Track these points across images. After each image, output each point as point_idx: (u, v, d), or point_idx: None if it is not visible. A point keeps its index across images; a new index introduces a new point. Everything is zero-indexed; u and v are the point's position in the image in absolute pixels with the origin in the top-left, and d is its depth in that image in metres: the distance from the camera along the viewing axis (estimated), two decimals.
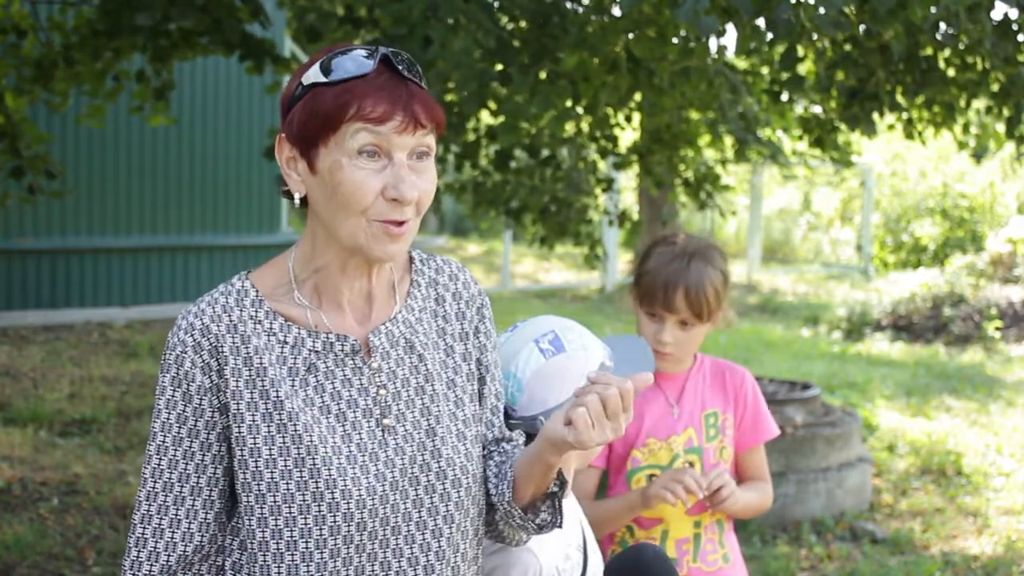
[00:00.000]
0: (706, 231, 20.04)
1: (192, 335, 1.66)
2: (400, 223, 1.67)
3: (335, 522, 1.64)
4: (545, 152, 6.69)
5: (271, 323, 1.69)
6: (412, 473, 1.70)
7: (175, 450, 1.66)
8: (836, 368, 9.83)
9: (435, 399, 1.75)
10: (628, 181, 16.47)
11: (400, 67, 1.66)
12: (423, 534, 1.71)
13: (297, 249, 1.74)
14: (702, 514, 2.53)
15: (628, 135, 8.04)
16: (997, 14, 5.08)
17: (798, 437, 5.98)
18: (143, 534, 1.68)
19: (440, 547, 1.72)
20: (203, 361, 1.65)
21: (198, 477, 1.67)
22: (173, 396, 1.66)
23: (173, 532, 1.67)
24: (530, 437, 1.95)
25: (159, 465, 1.67)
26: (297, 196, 1.69)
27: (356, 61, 1.64)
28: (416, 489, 1.70)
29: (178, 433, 1.66)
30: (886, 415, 8.16)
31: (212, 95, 11.06)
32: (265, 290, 1.71)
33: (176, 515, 1.67)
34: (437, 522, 1.72)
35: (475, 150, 5.97)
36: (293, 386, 1.67)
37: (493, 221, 9.05)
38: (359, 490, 1.65)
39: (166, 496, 1.67)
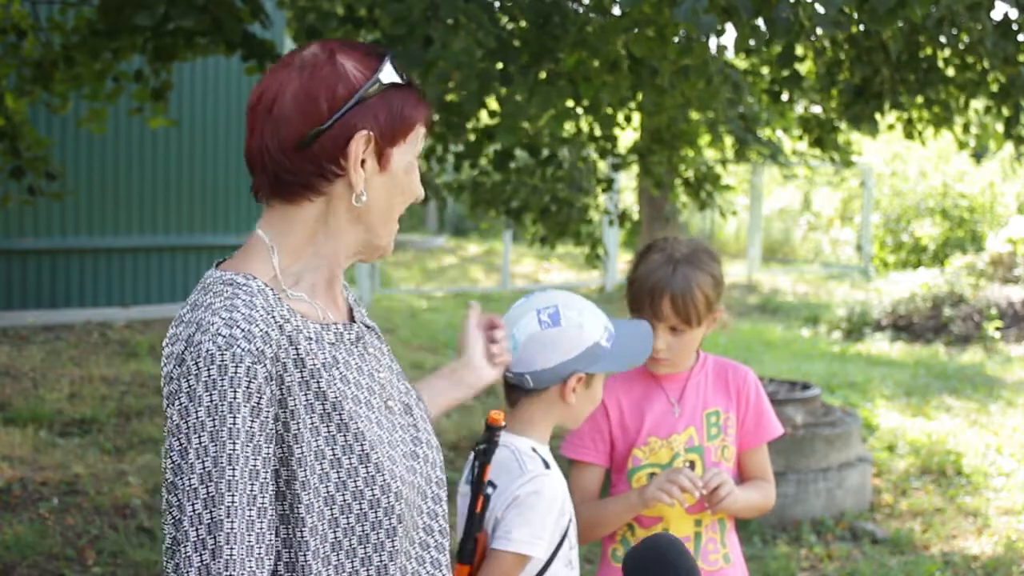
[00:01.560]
0: (706, 231, 20.05)
1: (254, 343, 1.54)
2: None
3: (400, 509, 1.66)
4: (545, 152, 6.69)
5: (295, 321, 1.62)
6: (411, 448, 1.74)
7: (244, 471, 1.52)
8: (836, 368, 9.83)
9: (400, 376, 1.83)
10: (628, 181, 16.46)
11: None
12: (426, 501, 1.75)
13: (280, 245, 1.66)
14: (703, 513, 2.52)
15: (628, 135, 8.04)
16: (997, 14, 5.07)
17: (798, 437, 5.98)
18: (230, 558, 1.50)
19: (443, 510, 1.79)
20: (267, 371, 1.54)
21: (263, 497, 1.54)
22: (244, 413, 1.52)
23: (261, 559, 1.53)
24: (513, 388, 2.27)
25: (233, 492, 1.51)
26: (364, 197, 1.65)
27: (391, 67, 1.70)
28: (417, 462, 1.74)
29: (243, 452, 1.52)
30: (886, 415, 8.16)
31: (212, 95, 11.07)
32: (273, 288, 1.65)
33: (249, 541, 1.52)
34: (435, 489, 1.77)
35: (475, 150, 5.97)
36: (334, 383, 1.63)
37: (493, 221, 9.05)
38: (403, 473, 1.67)
39: (250, 524, 1.52)
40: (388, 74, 1.66)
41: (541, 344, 2.20)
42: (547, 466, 2.20)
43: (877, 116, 5.75)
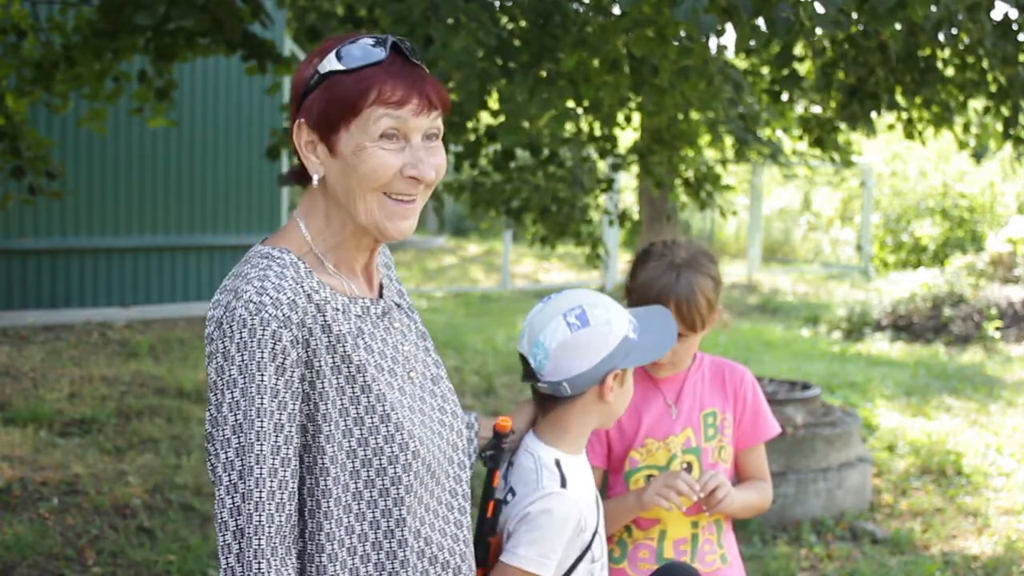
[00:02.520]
0: (706, 231, 20.05)
1: (281, 309, 1.70)
2: (412, 200, 1.80)
3: (417, 467, 1.79)
4: (546, 152, 6.69)
5: (324, 292, 1.78)
6: (438, 416, 1.88)
7: (269, 423, 1.69)
8: (836, 368, 9.83)
9: (428, 352, 1.96)
10: (628, 181, 16.47)
11: (410, 55, 1.80)
12: (453, 467, 1.91)
13: (307, 224, 1.83)
14: (700, 514, 2.53)
15: (628, 135, 8.04)
16: (997, 14, 5.07)
17: (798, 437, 5.98)
18: (259, 500, 1.67)
19: (467, 476, 1.95)
20: (292, 335, 1.70)
21: (287, 449, 1.71)
22: (270, 372, 1.68)
23: (283, 503, 1.70)
24: (546, 398, 2.23)
25: (262, 442, 1.68)
26: (316, 177, 1.79)
27: (367, 50, 1.77)
28: (445, 429, 1.89)
29: (270, 407, 1.69)
30: (886, 415, 8.16)
31: (212, 95, 11.06)
32: (303, 261, 1.80)
33: (274, 487, 1.69)
34: (460, 456, 1.93)
35: (476, 150, 5.97)
36: (359, 350, 1.78)
37: (493, 221, 9.05)
38: (422, 436, 1.82)
39: (273, 470, 1.69)
40: (327, 63, 1.78)
41: (575, 347, 2.17)
42: (564, 484, 2.17)
43: (873, 116, 5.75)
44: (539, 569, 2.12)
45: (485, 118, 6.21)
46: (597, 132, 6.68)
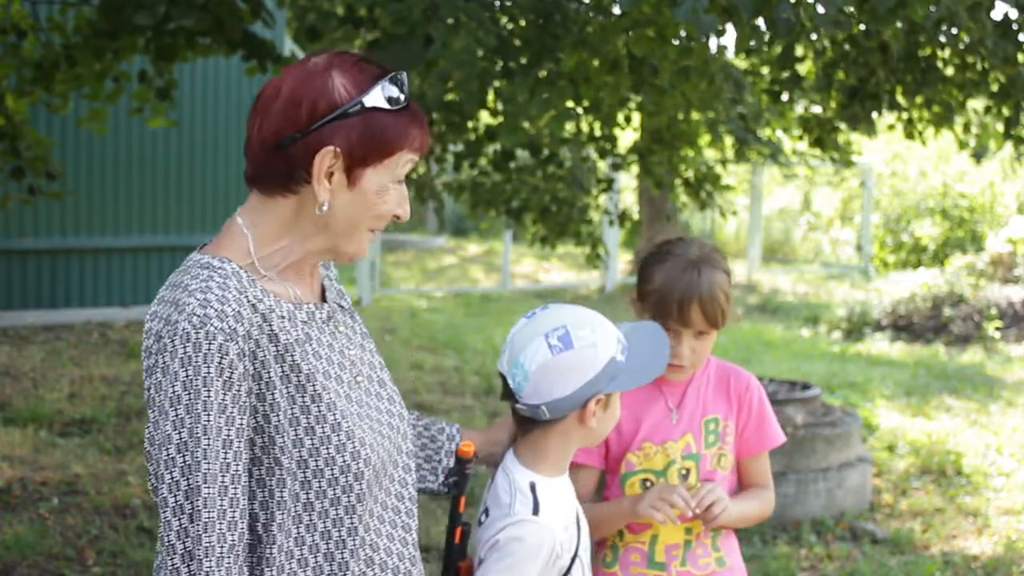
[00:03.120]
0: (706, 231, 20.04)
1: (226, 321, 1.65)
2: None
3: (370, 475, 1.78)
4: (546, 152, 6.69)
5: (268, 300, 1.74)
6: (386, 419, 1.86)
7: (217, 441, 1.64)
8: (836, 368, 9.83)
9: (372, 353, 1.94)
10: (628, 181, 16.47)
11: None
12: (398, 470, 1.88)
13: (255, 232, 1.77)
14: (695, 521, 2.45)
15: (628, 135, 8.04)
16: (997, 14, 5.07)
17: (798, 437, 5.98)
18: (208, 520, 1.62)
19: (413, 479, 1.92)
20: (239, 348, 1.66)
21: (237, 465, 1.67)
22: (216, 387, 1.63)
23: (235, 522, 1.66)
24: (525, 419, 2.11)
25: (209, 461, 1.63)
26: (325, 206, 1.75)
27: (397, 89, 1.78)
28: (391, 432, 1.87)
29: (216, 423, 1.64)
30: (886, 415, 8.16)
31: (212, 95, 11.06)
32: (246, 270, 1.76)
33: (221, 507, 1.64)
34: (404, 459, 1.91)
35: (476, 150, 5.97)
36: (307, 358, 1.76)
37: (493, 221, 9.05)
38: (372, 442, 1.79)
39: (223, 489, 1.64)
40: (373, 98, 1.75)
41: (556, 371, 2.04)
42: (536, 510, 2.06)
43: (874, 116, 5.75)
44: None
45: (485, 118, 6.21)
46: (597, 132, 6.68)
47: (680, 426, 2.49)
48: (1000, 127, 6.13)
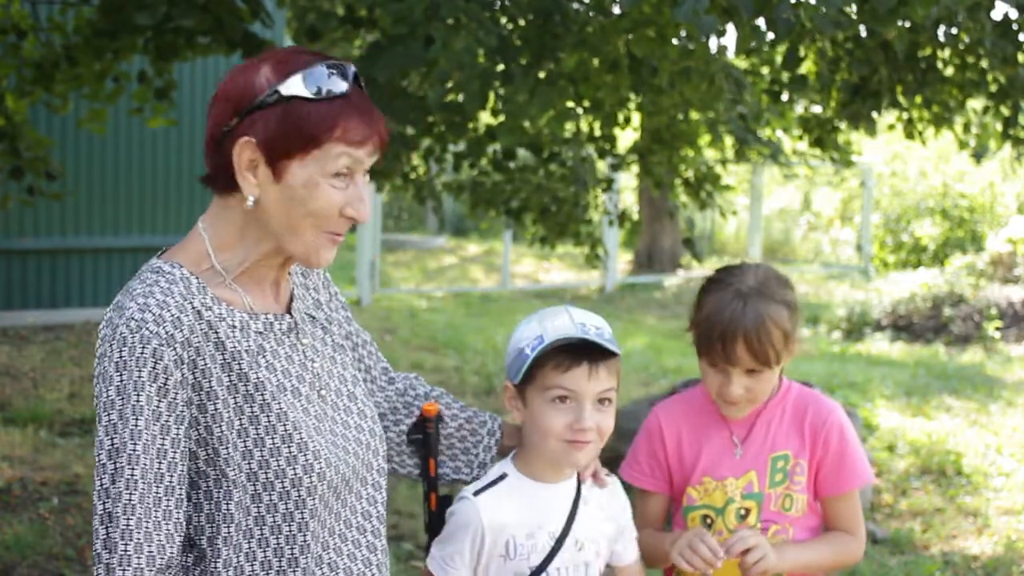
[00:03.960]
0: (706, 231, 20.04)
1: (163, 327, 1.61)
2: (341, 236, 1.74)
3: (322, 490, 1.71)
4: (547, 152, 6.69)
5: (219, 308, 1.70)
6: (353, 435, 1.81)
7: (151, 448, 1.60)
8: (836, 368, 9.83)
9: (344, 366, 1.88)
10: (628, 181, 16.47)
11: (363, 86, 1.73)
12: (366, 488, 1.83)
13: (212, 237, 1.75)
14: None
15: (628, 135, 8.04)
16: (997, 14, 5.07)
17: None
18: (127, 528, 1.58)
19: (381, 497, 1.86)
20: (176, 354, 1.62)
21: (171, 476, 1.62)
22: (149, 392, 1.59)
23: (153, 533, 1.60)
24: None
25: (133, 466, 1.59)
26: (251, 199, 1.69)
27: (332, 79, 1.68)
28: (360, 448, 1.81)
29: (152, 431, 1.60)
30: (886, 415, 8.16)
31: (212, 95, 11.06)
32: (197, 274, 1.72)
33: (156, 516, 1.60)
34: (374, 476, 1.85)
35: (477, 149, 5.97)
36: (256, 368, 1.70)
37: (493, 221, 9.05)
38: (332, 457, 1.73)
39: (143, 496, 1.60)
40: (291, 86, 1.67)
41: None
42: (478, 491, 2.07)
43: (875, 115, 5.75)
44: (438, 571, 2.06)
45: (485, 118, 6.21)
46: (597, 132, 6.68)
47: (743, 462, 2.29)
48: (999, 127, 6.13)
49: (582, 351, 2.05)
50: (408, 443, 2.12)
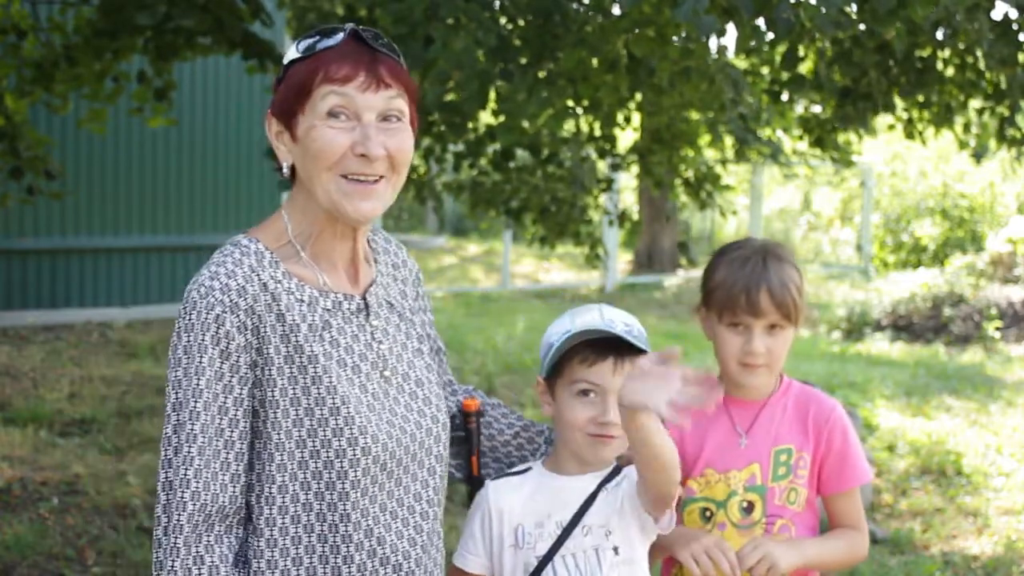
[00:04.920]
0: (706, 231, 20.04)
1: (229, 295, 1.73)
2: (375, 180, 1.78)
3: (366, 464, 1.78)
4: (546, 152, 6.69)
5: (288, 283, 1.79)
6: (414, 418, 1.87)
7: (212, 406, 1.71)
8: (836, 368, 9.83)
9: (417, 354, 1.95)
10: (628, 181, 16.47)
11: (368, 39, 1.80)
12: (422, 471, 1.88)
13: (289, 215, 1.86)
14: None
15: (628, 135, 8.04)
16: (997, 14, 5.07)
17: None
18: (184, 477, 1.69)
19: (436, 482, 1.92)
20: (239, 321, 1.73)
21: (231, 431, 1.73)
22: (212, 354, 1.71)
23: (210, 481, 1.71)
24: None
25: (193, 421, 1.70)
26: (285, 165, 1.82)
27: (328, 36, 1.80)
28: (419, 431, 1.87)
29: (214, 389, 1.71)
30: (886, 415, 8.16)
31: (212, 95, 11.06)
32: (274, 250, 1.82)
33: (213, 467, 1.71)
34: (431, 461, 1.91)
35: (477, 149, 5.97)
36: (317, 341, 1.78)
37: (493, 221, 9.05)
38: (381, 434, 1.80)
39: (202, 448, 1.70)
40: (289, 54, 1.82)
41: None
42: (496, 477, 2.15)
43: (871, 117, 5.76)
44: (462, 563, 2.14)
45: (485, 118, 6.21)
46: (596, 132, 6.68)
47: (747, 453, 2.29)
48: (997, 127, 6.14)
49: (608, 346, 2.09)
50: (451, 443, 2.15)
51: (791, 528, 2.30)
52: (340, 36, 1.78)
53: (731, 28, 4.00)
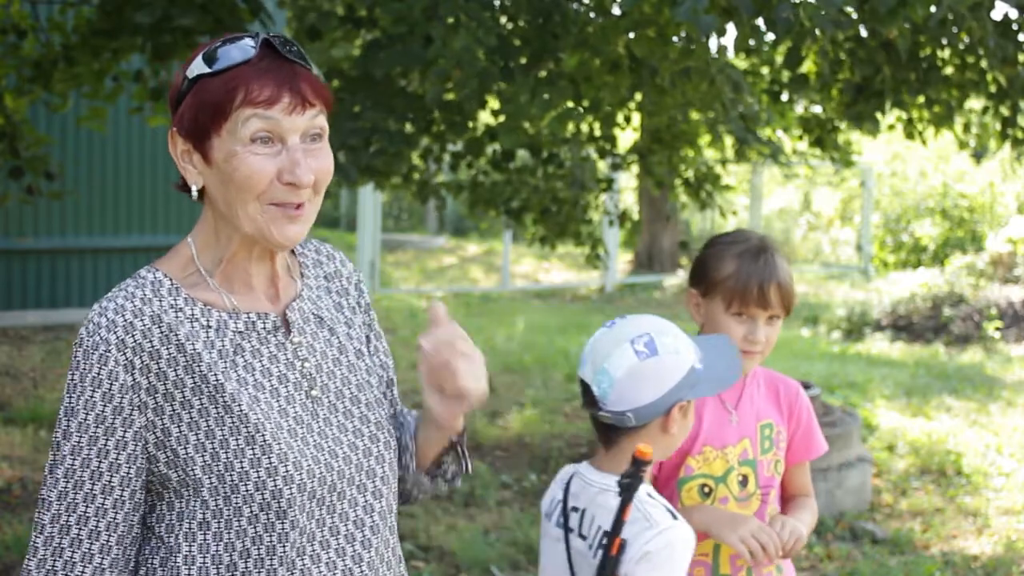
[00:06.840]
0: (706, 231, 20.04)
1: (115, 332, 1.64)
2: (297, 206, 1.69)
3: (290, 494, 1.67)
4: (546, 152, 6.69)
5: (192, 309, 1.69)
6: (349, 439, 1.76)
7: (89, 449, 1.64)
8: (836, 368, 9.83)
9: (352, 369, 1.83)
10: (628, 181, 16.47)
11: (283, 50, 1.68)
12: (363, 495, 1.76)
13: (195, 239, 1.77)
14: None
15: (628, 135, 8.04)
16: (997, 14, 5.07)
17: None
18: (58, 540, 1.64)
19: (381, 507, 1.79)
20: (126, 359, 1.64)
21: (110, 475, 1.64)
22: (92, 397, 1.63)
23: (81, 531, 1.64)
24: (608, 428, 2.16)
25: (73, 455, 1.64)
26: (195, 188, 1.72)
27: (239, 48, 1.66)
28: (356, 454, 1.76)
29: (94, 432, 1.64)
30: (886, 415, 8.16)
31: None
32: (178, 279, 1.72)
33: (85, 511, 1.65)
34: (376, 484, 1.78)
35: (477, 149, 5.97)
36: (226, 368, 1.68)
37: (493, 221, 9.05)
38: (307, 461, 1.69)
39: (76, 494, 1.65)
40: (195, 68, 1.68)
41: (642, 377, 2.11)
42: (674, 516, 2.10)
43: (878, 115, 5.75)
44: None
45: (485, 118, 6.21)
46: (597, 132, 6.68)
47: (739, 429, 2.45)
48: (998, 127, 6.13)
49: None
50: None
51: (772, 495, 2.49)
52: (251, 48, 1.65)
53: (731, 28, 4.00)
